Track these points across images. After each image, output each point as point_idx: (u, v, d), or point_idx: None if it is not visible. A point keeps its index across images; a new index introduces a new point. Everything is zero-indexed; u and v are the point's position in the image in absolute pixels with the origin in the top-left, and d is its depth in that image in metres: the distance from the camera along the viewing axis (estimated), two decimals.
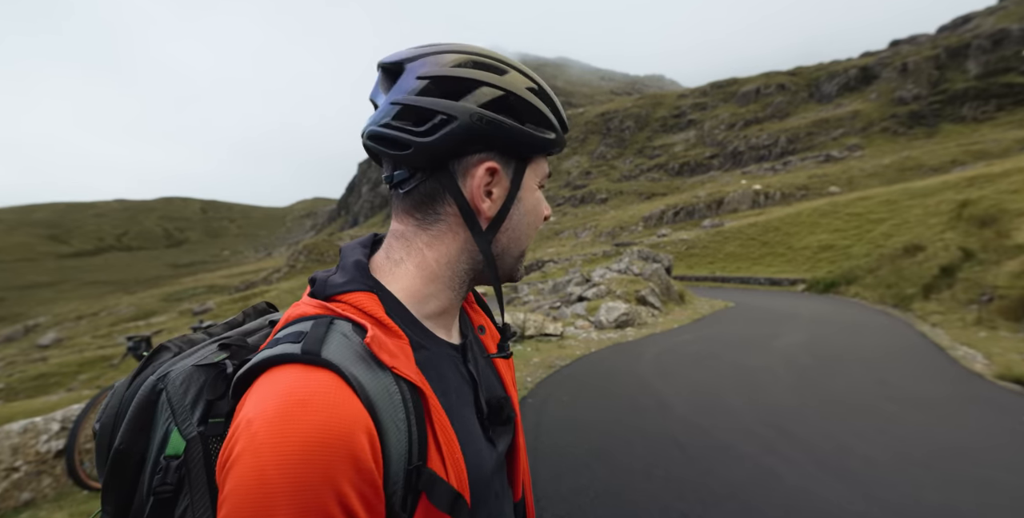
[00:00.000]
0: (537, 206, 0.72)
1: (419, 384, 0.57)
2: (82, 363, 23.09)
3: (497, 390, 0.75)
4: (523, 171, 0.68)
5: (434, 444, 0.57)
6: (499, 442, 0.71)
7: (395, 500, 0.53)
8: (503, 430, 0.73)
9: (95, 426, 0.62)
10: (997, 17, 65.38)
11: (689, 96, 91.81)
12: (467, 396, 0.67)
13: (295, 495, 0.45)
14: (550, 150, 0.71)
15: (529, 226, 0.71)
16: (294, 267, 60.81)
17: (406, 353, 0.59)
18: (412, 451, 0.54)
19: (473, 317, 0.82)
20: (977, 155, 38.60)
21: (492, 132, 0.63)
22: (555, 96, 0.72)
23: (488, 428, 0.68)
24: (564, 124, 0.71)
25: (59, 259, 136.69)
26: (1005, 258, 10.31)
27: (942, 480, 3.32)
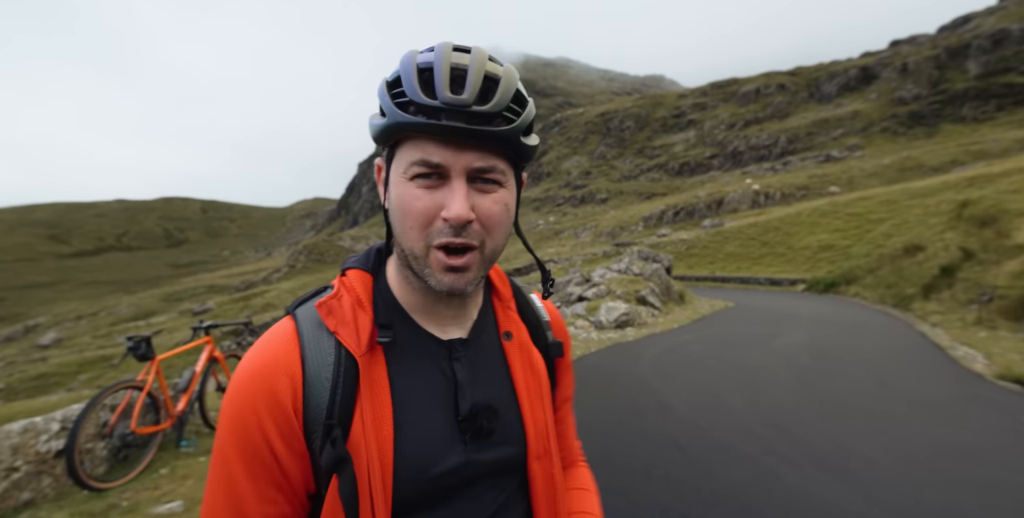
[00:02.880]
0: (402, 199, 0.63)
1: (355, 353, 0.64)
2: (82, 363, 23.08)
3: (490, 400, 0.70)
4: (392, 157, 0.66)
5: (359, 413, 0.62)
6: (481, 452, 0.68)
7: (315, 445, 0.62)
8: (488, 443, 0.68)
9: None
10: (997, 17, 65.35)
11: (689, 96, 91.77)
12: (439, 391, 0.68)
13: (229, 410, 0.63)
14: (407, 128, 0.61)
15: (399, 221, 0.64)
16: (294, 267, 60.78)
17: (362, 326, 0.66)
18: (333, 409, 0.62)
19: (502, 321, 0.77)
20: (977, 155, 38.58)
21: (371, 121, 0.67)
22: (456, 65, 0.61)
23: (463, 431, 0.67)
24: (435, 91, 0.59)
25: (59, 259, 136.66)
26: (1005, 258, 10.30)
27: (943, 480, 3.32)
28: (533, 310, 0.83)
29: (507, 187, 0.66)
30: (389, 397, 0.64)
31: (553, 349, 0.82)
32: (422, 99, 0.60)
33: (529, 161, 0.69)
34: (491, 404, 0.69)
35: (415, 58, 0.62)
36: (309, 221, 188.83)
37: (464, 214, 0.61)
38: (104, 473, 3.24)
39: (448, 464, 0.66)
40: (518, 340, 0.77)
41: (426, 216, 0.62)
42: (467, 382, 0.70)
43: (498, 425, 0.69)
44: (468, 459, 0.67)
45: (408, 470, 0.63)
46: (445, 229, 0.62)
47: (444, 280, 0.64)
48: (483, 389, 0.71)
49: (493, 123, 0.61)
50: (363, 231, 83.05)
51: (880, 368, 6.53)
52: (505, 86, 0.62)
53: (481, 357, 0.73)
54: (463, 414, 0.67)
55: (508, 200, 0.66)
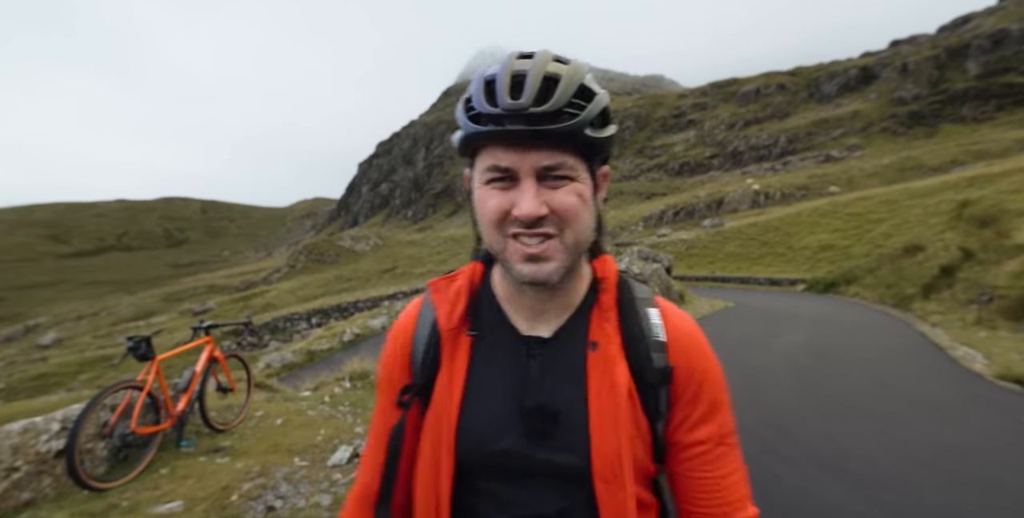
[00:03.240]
0: (480, 201, 0.69)
1: (442, 327, 0.77)
2: (82, 363, 23.08)
3: (556, 405, 0.70)
4: (473, 166, 0.72)
5: (441, 376, 0.75)
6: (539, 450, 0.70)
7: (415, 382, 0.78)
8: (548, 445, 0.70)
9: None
10: (997, 17, 65.35)
11: (689, 96, 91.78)
12: (509, 381, 0.74)
13: (381, 355, 0.86)
14: (477, 138, 0.66)
15: (480, 222, 0.71)
16: (294, 267, 60.77)
17: (457, 306, 0.77)
18: (425, 364, 0.77)
19: (593, 329, 0.73)
20: (977, 155, 38.58)
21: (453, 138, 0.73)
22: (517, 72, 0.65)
23: (524, 423, 0.71)
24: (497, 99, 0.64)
25: (59, 259, 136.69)
26: (1005, 258, 10.30)
27: (943, 480, 3.32)
28: (641, 326, 0.74)
29: (579, 180, 0.68)
30: (464, 371, 0.74)
31: (651, 373, 0.71)
32: (485, 108, 0.65)
33: (604, 152, 0.72)
34: (554, 408, 0.70)
35: (485, 73, 0.68)
36: (309, 221, 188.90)
37: (533, 211, 0.64)
38: (104, 473, 3.24)
39: (505, 447, 0.71)
40: (604, 352, 0.72)
41: (499, 212, 0.66)
42: (536, 380, 0.72)
43: (559, 431, 0.70)
44: (525, 452, 0.70)
45: (470, 438, 0.72)
46: (517, 223, 0.66)
47: (525, 270, 0.67)
48: (551, 391, 0.72)
49: (558, 121, 0.64)
50: (363, 231, 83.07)
51: (880, 368, 6.53)
52: (565, 84, 0.65)
53: (559, 360, 0.73)
54: (525, 409, 0.71)
55: (582, 191, 0.68)
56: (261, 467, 3.29)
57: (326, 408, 4.83)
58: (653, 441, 0.73)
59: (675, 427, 0.73)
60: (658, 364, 0.72)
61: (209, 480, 3.11)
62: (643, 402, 0.71)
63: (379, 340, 11.43)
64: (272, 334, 22.58)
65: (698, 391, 0.73)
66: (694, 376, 0.72)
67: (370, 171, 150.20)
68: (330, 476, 3.24)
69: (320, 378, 6.86)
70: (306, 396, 5.49)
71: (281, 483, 3.11)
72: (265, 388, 5.96)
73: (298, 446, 3.71)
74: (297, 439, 3.85)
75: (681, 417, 0.73)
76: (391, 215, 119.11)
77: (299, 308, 28.80)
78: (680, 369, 0.72)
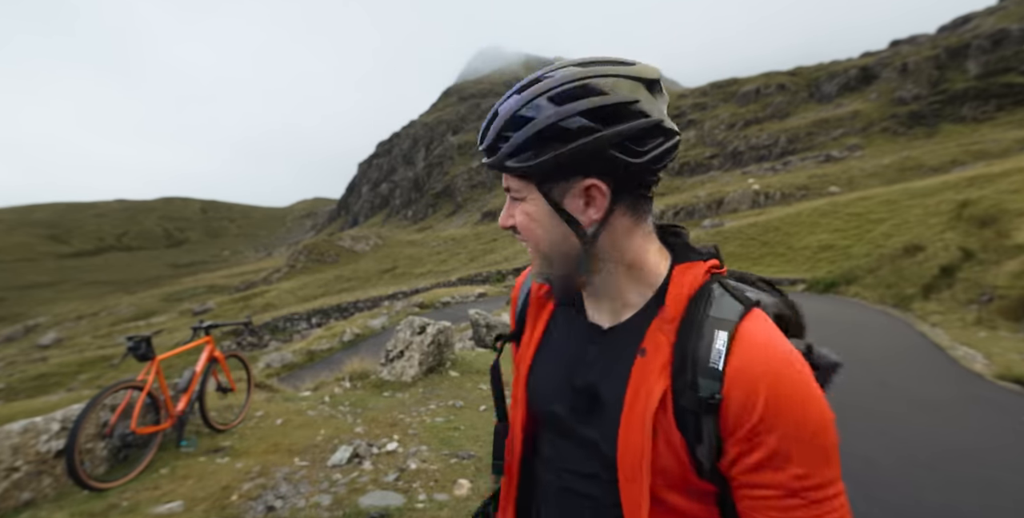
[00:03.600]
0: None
1: (532, 292, 0.92)
2: (82, 363, 23.09)
3: (600, 391, 0.76)
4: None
5: (527, 331, 0.91)
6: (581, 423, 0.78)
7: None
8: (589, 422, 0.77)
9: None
10: (997, 17, 65.36)
11: (689, 96, 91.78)
12: (571, 355, 0.83)
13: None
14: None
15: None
16: (294, 267, 60.76)
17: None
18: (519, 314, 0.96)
19: (648, 336, 0.73)
20: (977, 155, 38.57)
21: None
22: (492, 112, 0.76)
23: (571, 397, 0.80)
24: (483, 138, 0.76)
25: (59, 259, 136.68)
26: (1005, 258, 10.30)
27: (943, 480, 3.32)
28: (696, 346, 0.68)
29: (527, 201, 0.75)
30: (541, 334, 0.88)
31: (688, 399, 0.67)
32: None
33: (551, 174, 0.72)
34: (597, 391, 0.77)
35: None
36: (309, 221, 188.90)
37: (501, 222, 0.80)
38: (104, 473, 3.24)
39: (555, 410, 0.82)
40: (649, 362, 0.71)
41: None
42: (588, 364, 0.80)
43: (599, 415, 0.76)
44: (569, 422, 0.80)
45: (534, 394, 0.86)
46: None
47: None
48: (599, 377, 0.77)
49: (489, 155, 0.75)
50: (363, 231, 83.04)
51: (880, 368, 6.53)
52: (499, 119, 0.73)
53: (611, 354, 0.78)
54: (574, 385, 0.80)
55: (528, 209, 0.76)
56: (261, 467, 3.29)
57: (326, 408, 4.83)
58: (692, 460, 0.68)
59: (729, 462, 0.67)
60: (704, 392, 0.66)
61: (209, 480, 3.11)
62: (678, 421, 0.68)
63: (379, 340, 11.42)
64: (272, 334, 22.58)
65: (756, 433, 0.64)
66: (751, 415, 0.64)
67: (370, 171, 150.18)
68: (330, 476, 3.24)
69: (320, 378, 6.86)
70: (306, 396, 5.49)
71: (281, 483, 3.11)
72: (265, 388, 5.96)
73: (298, 446, 3.71)
74: (297, 439, 3.85)
75: (734, 454, 0.67)
76: (391, 215, 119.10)
77: (299, 308, 28.80)
78: (733, 403, 0.65)
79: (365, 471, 3.29)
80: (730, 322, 0.69)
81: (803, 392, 0.65)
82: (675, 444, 0.68)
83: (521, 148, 0.71)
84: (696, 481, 0.70)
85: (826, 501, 0.65)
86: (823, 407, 0.66)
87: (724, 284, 0.74)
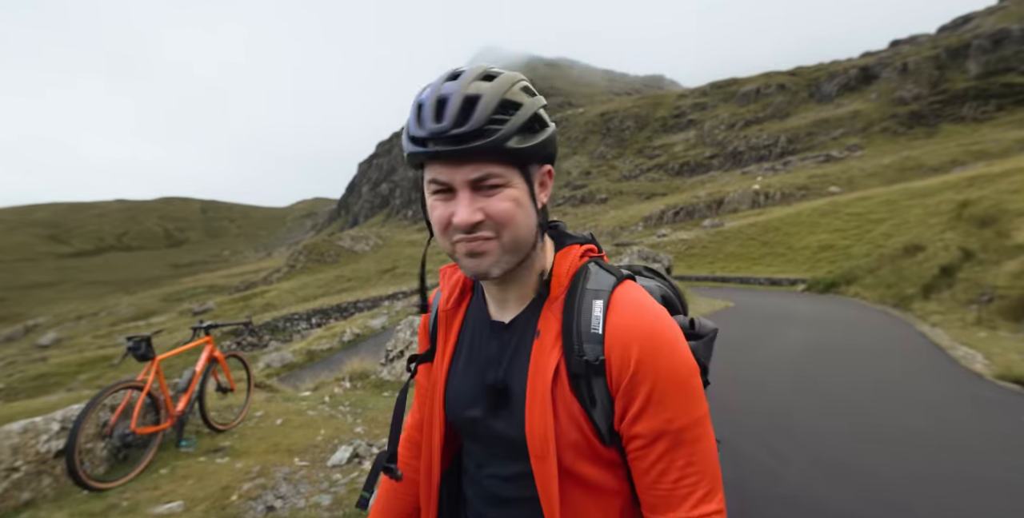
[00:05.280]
0: (430, 211, 0.76)
1: (440, 306, 0.90)
2: (82, 363, 23.09)
3: (508, 384, 0.79)
4: (422, 177, 0.78)
5: (439, 348, 0.90)
6: (495, 421, 0.80)
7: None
8: (500, 417, 0.80)
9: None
10: (997, 17, 65.34)
11: (689, 96, 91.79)
12: (482, 358, 0.84)
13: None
14: (415, 158, 0.74)
15: (433, 229, 0.77)
16: (294, 267, 60.77)
17: (455, 290, 0.90)
18: (431, 334, 0.94)
19: (541, 320, 0.79)
20: (977, 155, 38.59)
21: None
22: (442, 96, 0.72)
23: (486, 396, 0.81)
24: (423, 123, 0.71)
25: (59, 259, 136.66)
26: (1005, 258, 10.30)
27: (942, 480, 3.32)
28: (579, 316, 0.76)
29: (512, 186, 0.73)
30: (453, 347, 0.88)
31: (576, 364, 0.73)
32: (415, 132, 0.72)
33: (536, 157, 0.76)
34: (502, 385, 0.80)
35: (420, 95, 0.75)
36: (309, 221, 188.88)
37: (468, 218, 0.71)
38: (104, 473, 3.24)
39: (474, 415, 0.83)
40: (543, 341, 0.77)
41: (443, 222, 0.74)
42: (496, 360, 0.82)
43: (509, 407, 0.79)
44: (485, 422, 0.81)
45: (452, 404, 0.86)
46: (459, 230, 0.73)
47: (468, 264, 0.75)
48: (508, 370, 0.80)
49: (480, 138, 0.69)
50: (363, 231, 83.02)
51: (880, 368, 6.53)
52: (484, 103, 0.70)
53: (514, 344, 0.81)
54: (486, 384, 0.81)
55: (516, 196, 0.73)
56: (261, 467, 3.29)
57: (326, 408, 4.83)
58: (595, 428, 0.74)
59: (618, 418, 0.74)
60: (589, 355, 0.73)
61: (209, 480, 3.11)
62: (575, 390, 0.74)
63: (379, 340, 11.42)
64: (272, 334, 22.58)
65: (634, 384, 0.71)
66: (628, 368, 0.71)
67: (370, 171, 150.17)
68: (330, 476, 3.24)
69: (320, 378, 6.86)
70: (306, 396, 5.49)
71: (281, 483, 3.11)
72: (265, 388, 5.96)
73: (298, 446, 3.71)
74: (297, 439, 3.85)
75: (620, 409, 0.74)
76: (391, 215, 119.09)
77: (299, 308, 28.80)
78: (614, 361, 0.72)
79: (365, 471, 3.29)
80: (605, 291, 0.77)
81: (670, 344, 0.73)
82: (575, 414, 0.74)
83: (520, 130, 0.72)
84: (602, 449, 0.76)
85: (696, 442, 0.72)
86: (687, 356, 0.74)
87: (599, 263, 0.83)
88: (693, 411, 0.73)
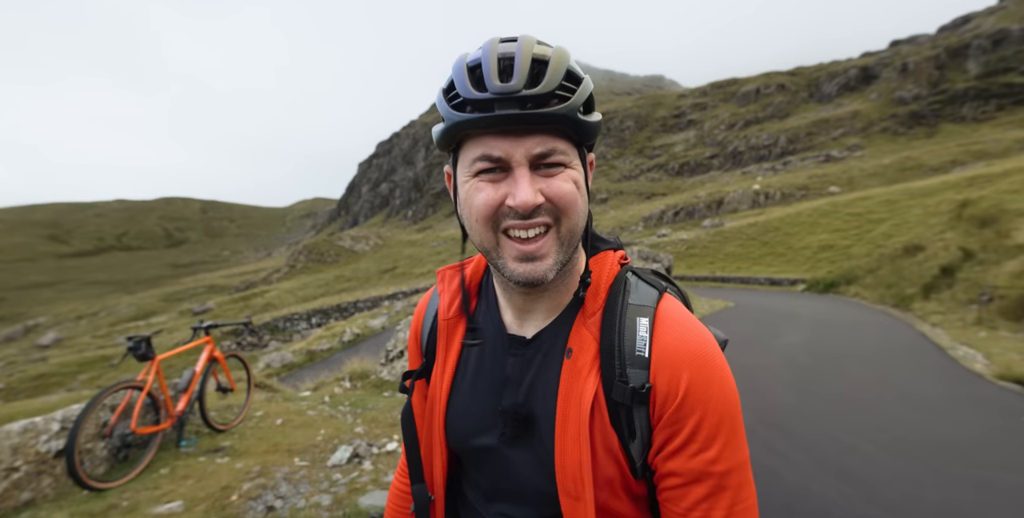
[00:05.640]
0: (467, 195, 0.64)
1: (440, 316, 0.79)
2: (82, 363, 23.08)
3: (532, 407, 0.69)
4: (456, 160, 0.67)
5: (438, 362, 0.78)
6: (512, 448, 0.70)
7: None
8: (522, 444, 0.69)
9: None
10: (997, 17, 65.35)
11: (689, 96, 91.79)
12: (494, 378, 0.73)
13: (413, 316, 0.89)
14: (464, 127, 0.61)
15: (467, 217, 0.65)
16: (294, 267, 60.75)
17: (456, 296, 0.79)
18: (426, 346, 0.82)
19: (573, 334, 0.68)
20: (977, 155, 38.58)
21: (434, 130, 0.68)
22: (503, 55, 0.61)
23: (502, 421, 0.70)
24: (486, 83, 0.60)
25: (59, 259, 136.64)
26: (1005, 258, 10.30)
27: (942, 479, 3.32)
28: (621, 336, 0.66)
29: (573, 167, 0.64)
30: (455, 362, 0.76)
31: (619, 391, 0.63)
32: (473, 94, 0.60)
33: (593, 139, 0.67)
34: (524, 412, 0.68)
35: (466, 58, 0.63)
36: (309, 221, 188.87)
37: (530, 199, 0.60)
38: (104, 473, 3.24)
39: (483, 442, 0.72)
40: (576, 362, 0.67)
41: (491, 206, 0.62)
42: (515, 381, 0.71)
43: (533, 434, 0.68)
44: (501, 453, 0.71)
45: (455, 431, 0.75)
46: (512, 214, 0.61)
47: (519, 270, 0.63)
48: (527, 394, 0.69)
49: (548, 104, 0.60)
50: (363, 231, 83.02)
51: (880, 368, 6.52)
52: (555, 66, 0.61)
53: (538, 364, 0.70)
54: (501, 409, 0.70)
55: (577, 178, 0.64)
56: (261, 467, 3.29)
57: (326, 408, 4.83)
58: (630, 461, 0.65)
59: (655, 452, 0.65)
60: (633, 382, 0.63)
61: (209, 480, 3.10)
62: (612, 418, 0.65)
63: (380, 340, 11.42)
64: (272, 334, 22.58)
65: (680, 416, 0.63)
66: (676, 398, 0.63)
67: (370, 171, 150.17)
68: (330, 476, 3.24)
69: (320, 378, 6.86)
70: (306, 396, 5.49)
71: (281, 483, 3.11)
72: (265, 388, 5.96)
73: (298, 446, 3.71)
74: (297, 439, 3.85)
75: (659, 442, 0.64)
76: (391, 215, 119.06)
77: (299, 308, 28.79)
78: (660, 388, 0.63)
79: (365, 471, 3.29)
80: (649, 308, 0.68)
81: (720, 371, 0.65)
82: (613, 448, 0.65)
83: (586, 104, 0.64)
84: (633, 484, 0.67)
85: (740, 488, 0.63)
86: (735, 387, 0.66)
87: (637, 273, 0.73)
88: (739, 453, 0.64)
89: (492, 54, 0.61)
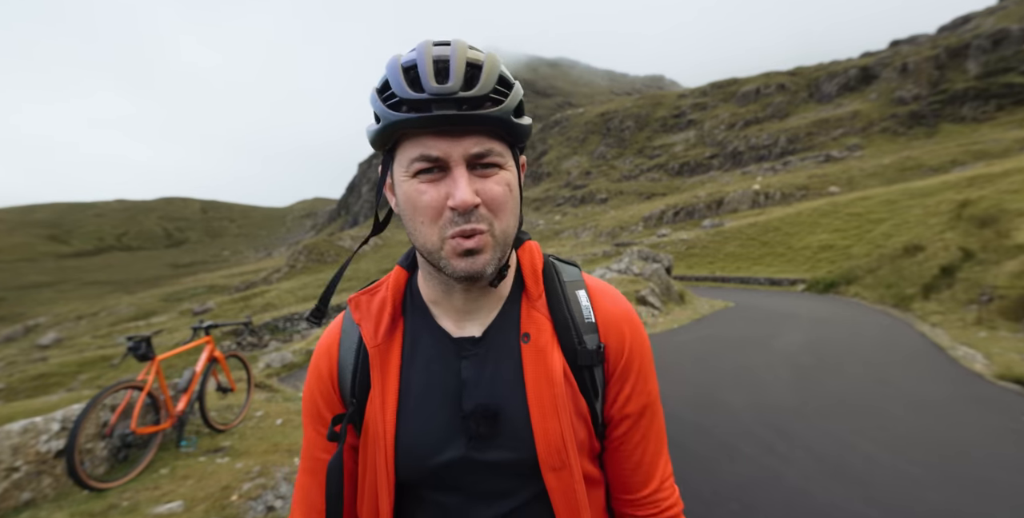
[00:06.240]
0: (408, 196, 0.64)
1: (368, 344, 0.73)
2: (82, 363, 23.07)
3: (496, 403, 0.69)
4: (391, 160, 0.68)
5: (373, 396, 0.72)
6: (484, 452, 0.69)
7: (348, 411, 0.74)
8: (492, 445, 0.69)
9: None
10: (997, 17, 65.33)
11: (689, 96, 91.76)
12: (447, 387, 0.71)
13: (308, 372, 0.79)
14: (401, 127, 0.62)
15: (409, 219, 0.66)
16: (294, 267, 60.75)
17: (383, 320, 0.74)
18: (354, 386, 0.74)
19: (524, 321, 0.73)
20: (977, 155, 38.56)
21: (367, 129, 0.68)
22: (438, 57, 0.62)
23: (467, 427, 0.70)
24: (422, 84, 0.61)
25: (59, 259, 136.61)
26: (1005, 258, 10.30)
27: (942, 480, 3.32)
28: (570, 309, 0.73)
29: (507, 168, 0.67)
30: (396, 386, 0.72)
31: (584, 356, 0.71)
32: (410, 94, 0.61)
33: (524, 141, 0.70)
34: (493, 407, 0.69)
35: (399, 59, 0.65)
36: (309, 221, 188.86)
37: (469, 199, 0.61)
38: (104, 473, 3.24)
39: (447, 457, 0.70)
40: (536, 342, 0.71)
41: (434, 209, 0.63)
42: (473, 382, 0.71)
43: (502, 429, 0.69)
44: (469, 457, 0.69)
45: (409, 456, 0.70)
46: (455, 218, 0.63)
47: (459, 265, 0.64)
48: (490, 390, 0.70)
49: (483, 107, 0.62)
50: (363, 231, 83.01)
51: (880, 368, 6.52)
52: (488, 70, 0.63)
53: (494, 358, 0.72)
54: (465, 412, 0.70)
55: (510, 180, 0.67)
56: (261, 467, 3.29)
57: None
58: (593, 420, 0.73)
59: (610, 403, 0.74)
60: (591, 345, 0.72)
61: (209, 480, 3.10)
62: (580, 384, 0.72)
63: None
64: (272, 334, 22.58)
65: (628, 365, 0.74)
66: (623, 351, 0.74)
67: (370, 171, 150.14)
68: None
69: None
70: None
71: (281, 483, 3.11)
72: (265, 388, 5.96)
73: (298, 446, 3.71)
74: (297, 439, 3.85)
75: (615, 392, 0.74)
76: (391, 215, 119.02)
77: (299, 308, 28.80)
78: (611, 347, 0.74)
79: None
80: (580, 282, 0.78)
81: (638, 321, 0.77)
82: (583, 411, 0.72)
83: (517, 108, 0.66)
84: (595, 442, 0.75)
85: (660, 411, 0.78)
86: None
87: (555, 257, 0.83)
88: (655, 384, 0.78)
89: (427, 56, 0.62)
